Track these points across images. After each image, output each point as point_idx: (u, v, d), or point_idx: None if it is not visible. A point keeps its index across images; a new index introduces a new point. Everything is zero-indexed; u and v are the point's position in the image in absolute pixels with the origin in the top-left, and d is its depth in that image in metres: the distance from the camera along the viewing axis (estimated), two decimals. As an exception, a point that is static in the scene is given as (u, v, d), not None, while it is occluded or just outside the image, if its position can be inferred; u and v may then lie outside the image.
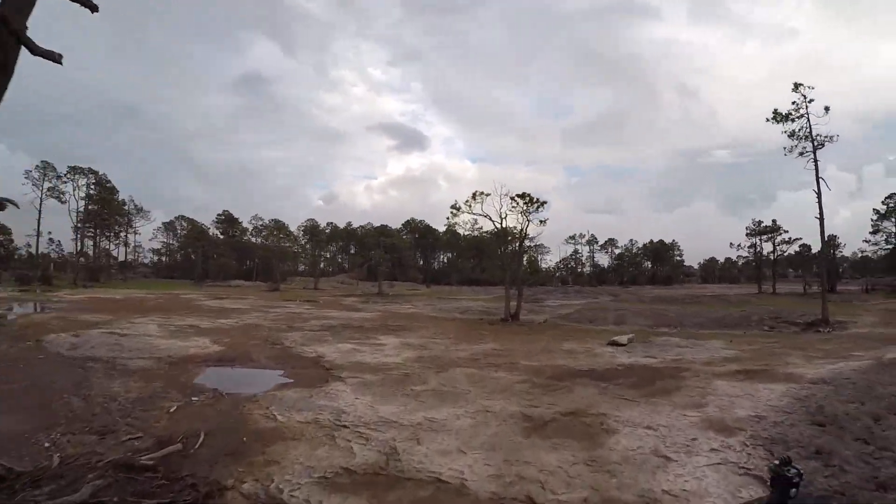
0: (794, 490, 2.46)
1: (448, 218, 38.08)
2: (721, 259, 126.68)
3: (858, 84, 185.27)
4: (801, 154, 31.25)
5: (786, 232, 73.10)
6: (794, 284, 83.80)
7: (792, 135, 31.52)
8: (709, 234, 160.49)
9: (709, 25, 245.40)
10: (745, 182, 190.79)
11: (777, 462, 2.79)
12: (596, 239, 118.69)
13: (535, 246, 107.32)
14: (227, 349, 20.99)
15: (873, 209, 64.73)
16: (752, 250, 76.43)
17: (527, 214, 37.21)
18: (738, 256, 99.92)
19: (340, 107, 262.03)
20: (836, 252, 71.57)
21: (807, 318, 29.53)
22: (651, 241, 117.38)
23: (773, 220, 74.15)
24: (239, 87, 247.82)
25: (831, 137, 30.65)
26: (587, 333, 28.11)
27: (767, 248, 75.86)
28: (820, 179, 30.36)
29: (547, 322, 35.09)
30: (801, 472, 2.54)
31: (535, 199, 37.40)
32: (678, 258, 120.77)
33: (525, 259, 49.77)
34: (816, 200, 30.58)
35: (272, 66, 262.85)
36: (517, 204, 37.05)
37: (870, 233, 66.03)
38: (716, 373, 16.20)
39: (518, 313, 35.85)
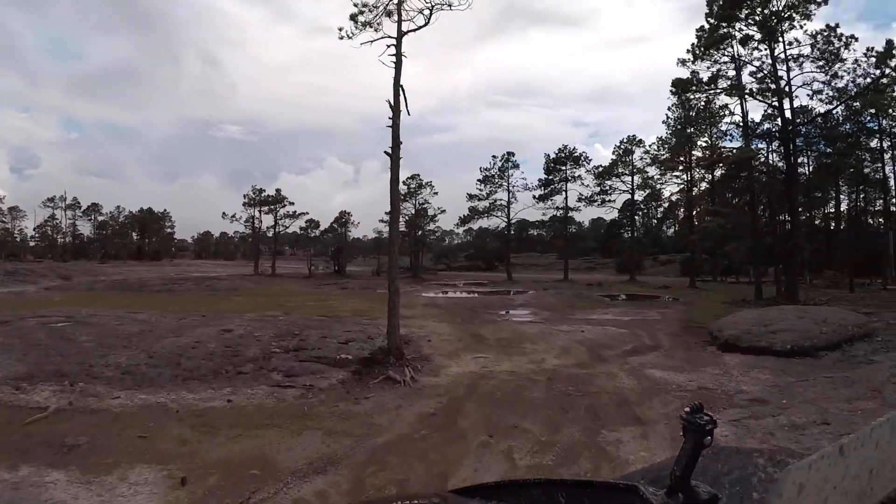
0: (708, 438, 1.27)
1: None
2: (217, 233, 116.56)
3: (374, 89, 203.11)
4: (373, 41, 15.33)
5: (291, 204, 61.54)
6: (297, 263, 73.85)
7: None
8: (209, 207, 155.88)
9: (249, 1, 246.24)
10: (251, 159, 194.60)
11: (688, 409, 1.31)
12: (79, 203, 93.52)
13: (9, 209, 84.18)
14: None
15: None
16: (250, 223, 62.10)
17: None
18: (236, 232, 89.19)
19: None
20: (348, 231, 63.40)
21: (357, 348, 14.50)
22: (141, 210, 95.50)
23: (278, 190, 61.90)
24: None
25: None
26: None
27: (269, 221, 62.81)
28: (400, 87, 15.30)
29: None
30: (714, 418, 1.29)
31: None
32: (169, 230, 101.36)
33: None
34: (392, 136, 15.35)
35: None
36: None
37: (381, 221, 60.01)
38: None
39: None
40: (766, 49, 29.12)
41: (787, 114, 30.05)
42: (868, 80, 29.56)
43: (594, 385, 11.20)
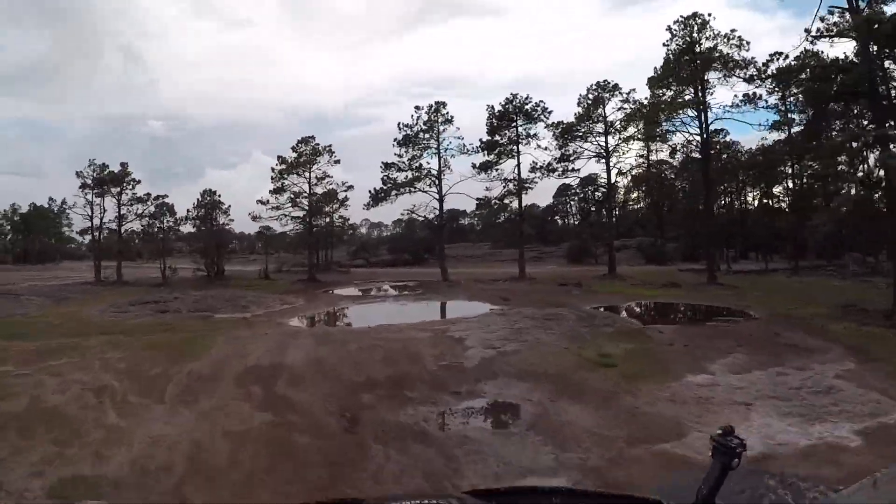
0: (735, 460, 1.39)
1: None
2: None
3: (297, 82, 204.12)
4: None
5: (137, 182, 42.09)
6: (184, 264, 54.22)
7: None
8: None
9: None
10: (175, 155, 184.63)
11: (719, 431, 1.44)
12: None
13: None
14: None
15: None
16: (88, 212, 42.11)
17: None
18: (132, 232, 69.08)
19: None
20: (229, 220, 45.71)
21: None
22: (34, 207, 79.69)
23: (123, 164, 41.50)
24: None
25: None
26: None
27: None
28: None
29: None
30: (744, 441, 1.41)
31: None
32: (66, 229, 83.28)
33: None
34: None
35: None
36: None
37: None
38: None
39: None
40: None
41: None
42: None
43: None
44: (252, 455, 6.69)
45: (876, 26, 16.32)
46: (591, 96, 39.91)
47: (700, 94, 34.01)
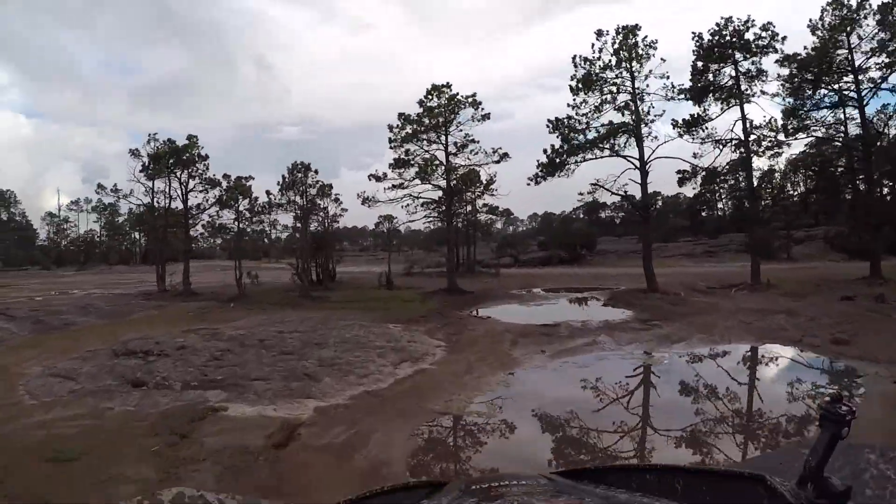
0: (845, 429, 1.11)
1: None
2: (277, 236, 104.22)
3: (424, 82, 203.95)
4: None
5: (204, 158, 34.50)
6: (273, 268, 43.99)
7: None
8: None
9: (295, 4, 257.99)
10: (310, 158, 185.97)
11: (828, 399, 1.13)
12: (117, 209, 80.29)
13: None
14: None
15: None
16: (148, 197, 32.26)
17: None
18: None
19: None
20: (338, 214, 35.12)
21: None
22: (147, 207, 79.74)
23: (191, 137, 31.03)
24: None
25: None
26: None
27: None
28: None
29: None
30: (854, 409, 1.10)
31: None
32: (188, 229, 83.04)
33: None
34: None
35: None
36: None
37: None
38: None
39: None
40: None
41: None
42: None
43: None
44: None
45: None
46: (826, 19, 25.77)
47: None
